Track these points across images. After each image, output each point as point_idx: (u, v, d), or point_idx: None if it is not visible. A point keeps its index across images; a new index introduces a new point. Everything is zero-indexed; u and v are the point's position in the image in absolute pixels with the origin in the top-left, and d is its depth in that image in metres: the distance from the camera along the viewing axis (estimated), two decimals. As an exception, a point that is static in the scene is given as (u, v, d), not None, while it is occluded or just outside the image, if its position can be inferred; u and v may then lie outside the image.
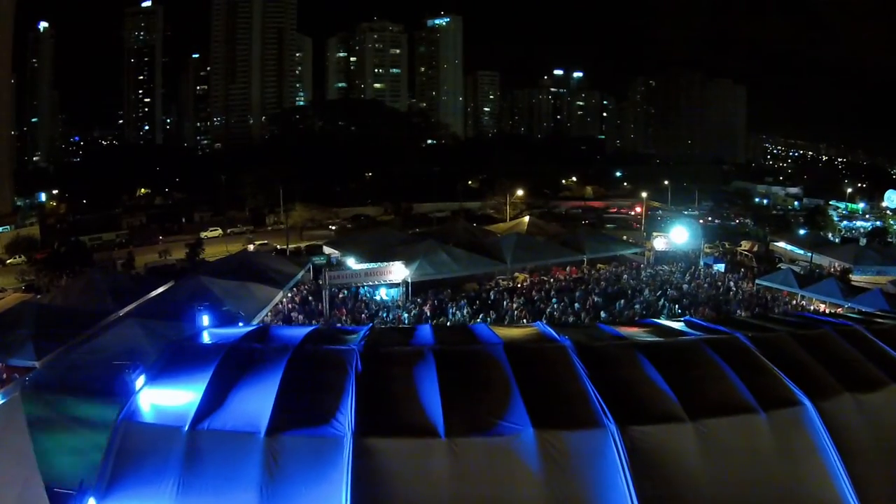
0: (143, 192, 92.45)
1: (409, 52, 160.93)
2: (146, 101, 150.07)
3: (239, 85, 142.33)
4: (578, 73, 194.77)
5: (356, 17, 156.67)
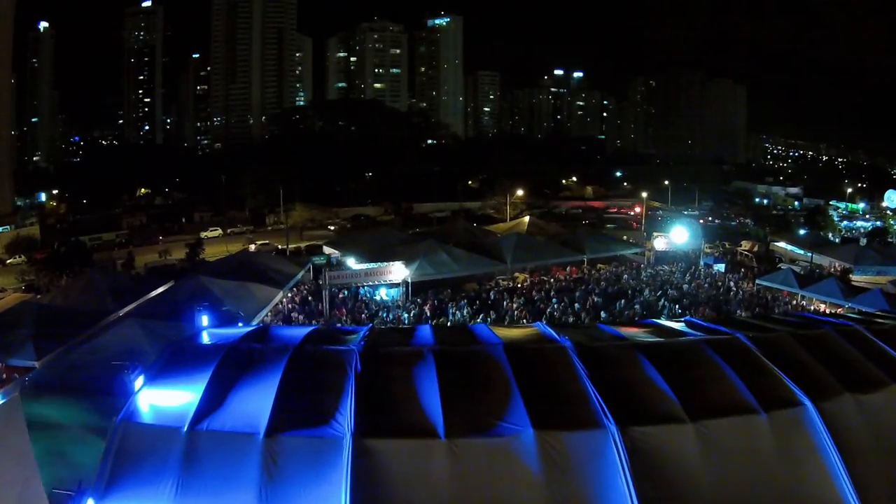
0: (143, 192, 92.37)
1: (409, 52, 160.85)
2: (146, 101, 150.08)
3: (239, 85, 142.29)
4: (578, 73, 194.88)
5: (356, 17, 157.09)
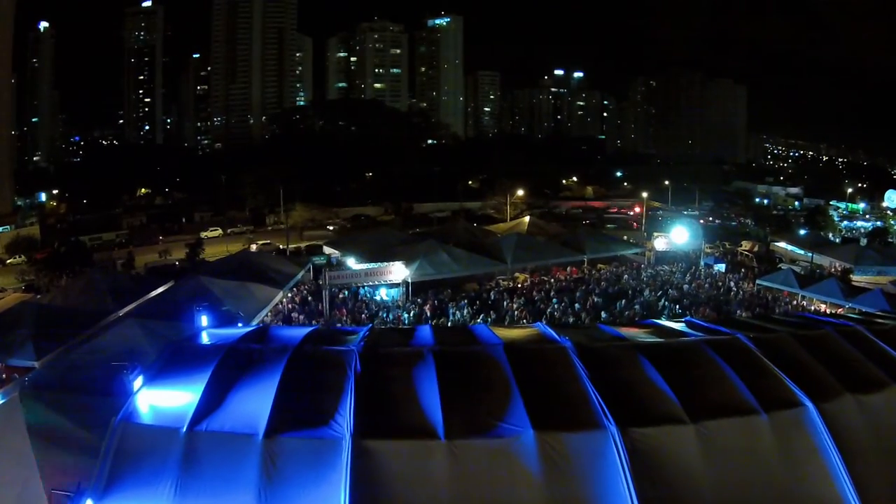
0: (143, 192, 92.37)
1: (409, 52, 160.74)
2: (146, 101, 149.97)
3: (239, 85, 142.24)
4: (579, 73, 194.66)
5: (356, 17, 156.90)
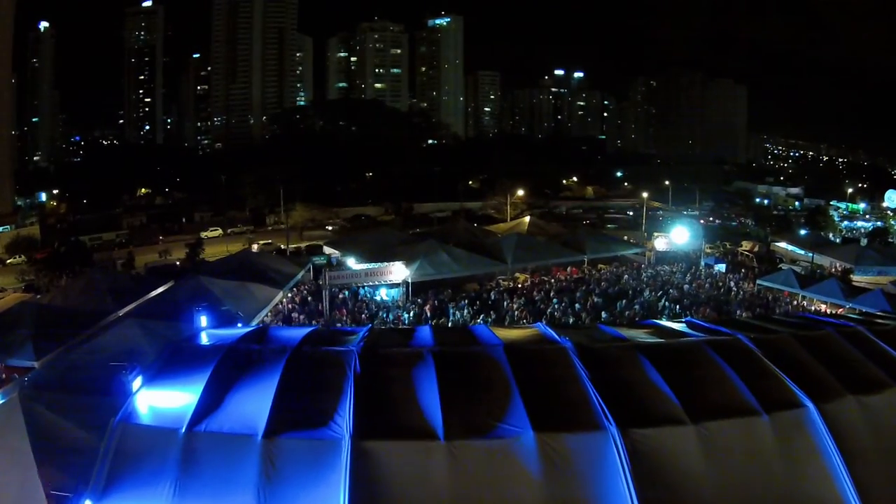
0: (143, 191, 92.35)
1: (409, 52, 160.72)
2: (147, 100, 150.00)
3: (239, 85, 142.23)
4: (579, 73, 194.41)
5: (357, 17, 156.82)
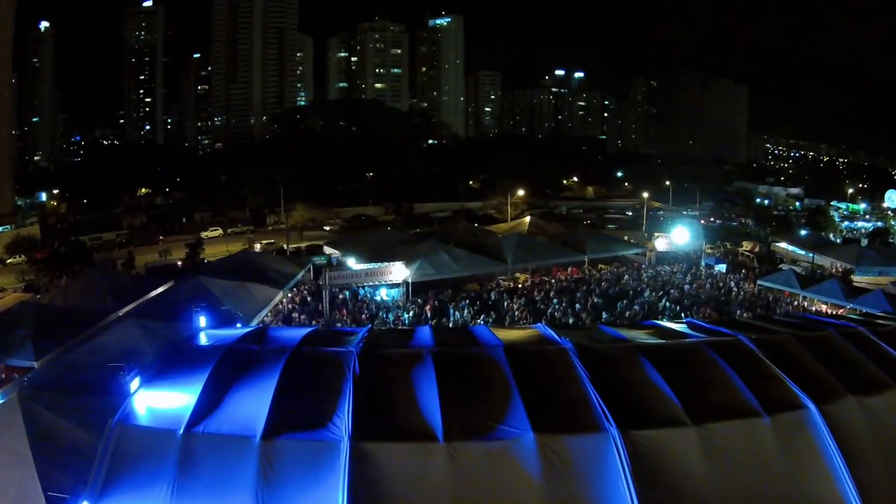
0: (143, 191, 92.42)
1: (410, 52, 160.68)
2: (147, 100, 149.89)
3: (240, 85, 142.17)
4: (579, 73, 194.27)
5: (357, 17, 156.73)
